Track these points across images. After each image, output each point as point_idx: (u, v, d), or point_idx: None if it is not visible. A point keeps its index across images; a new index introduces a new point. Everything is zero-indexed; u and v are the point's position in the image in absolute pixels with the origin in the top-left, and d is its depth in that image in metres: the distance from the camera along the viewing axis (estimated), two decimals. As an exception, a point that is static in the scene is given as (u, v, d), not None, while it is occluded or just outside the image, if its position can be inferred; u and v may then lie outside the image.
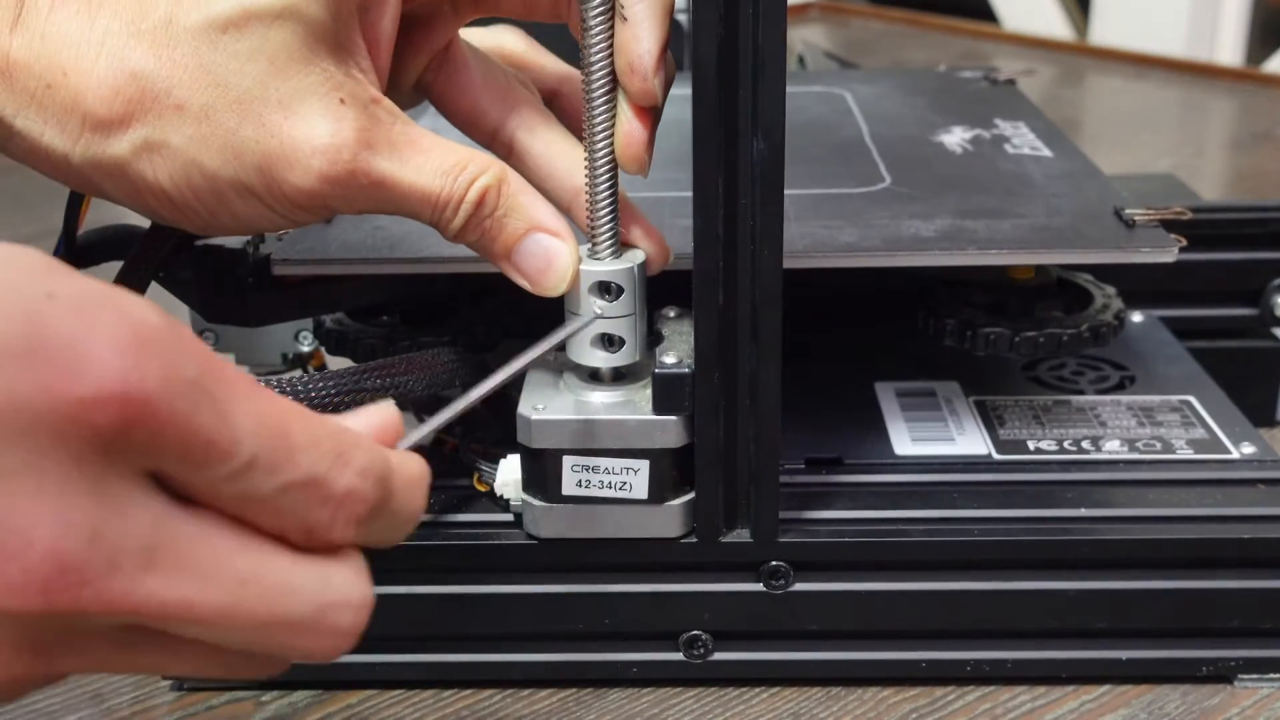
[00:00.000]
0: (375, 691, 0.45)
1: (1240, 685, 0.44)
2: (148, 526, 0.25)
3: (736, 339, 0.40)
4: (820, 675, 0.45)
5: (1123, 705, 0.44)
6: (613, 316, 0.40)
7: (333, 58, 0.36)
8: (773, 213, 0.38)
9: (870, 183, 0.52)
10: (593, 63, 0.38)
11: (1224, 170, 1.08)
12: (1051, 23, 1.52)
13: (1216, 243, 0.57)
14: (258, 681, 0.45)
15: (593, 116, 0.38)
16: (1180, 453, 0.47)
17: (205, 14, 0.35)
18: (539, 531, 0.42)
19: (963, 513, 0.44)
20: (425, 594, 0.44)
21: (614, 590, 0.43)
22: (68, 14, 0.35)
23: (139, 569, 0.25)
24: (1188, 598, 0.43)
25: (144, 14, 0.35)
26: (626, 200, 0.41)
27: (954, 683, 0.45)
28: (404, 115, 0.38)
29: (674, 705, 0.44)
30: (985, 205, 0.48)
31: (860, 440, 0.48)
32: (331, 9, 0.36)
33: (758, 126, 0.38)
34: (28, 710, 0.44)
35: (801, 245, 0.45)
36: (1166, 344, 0.56)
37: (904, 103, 0.64)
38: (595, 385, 0.42)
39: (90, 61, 0.35)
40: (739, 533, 0.43)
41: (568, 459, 0.41)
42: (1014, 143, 0.57)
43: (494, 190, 0.38)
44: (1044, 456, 0.47)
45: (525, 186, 0.39)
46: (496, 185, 0.38)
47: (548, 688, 0.45)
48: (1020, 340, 0.49)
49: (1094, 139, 1.12)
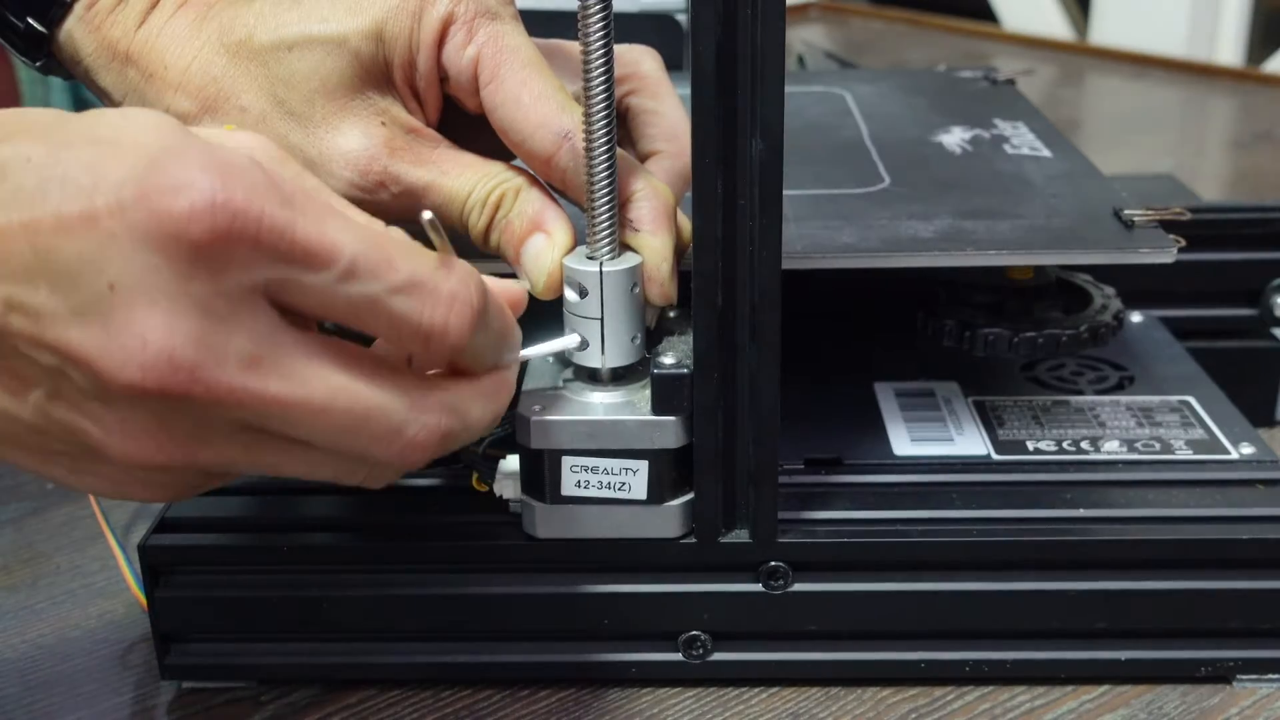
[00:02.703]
0: (375, 691, 0.45)
1: (1239, 685, 0.44)
2: (253, 336, 0.29)
3: (736, 339, 0.40)
4: (819, 675, 0.45)
5: (1122, 705, 0.44)
6: (580, 316, 0.40)
7: (377, 90, 0.41)
8: (772, 213, 0.38)
9: (869, 183, 0.52)
10: (592, 77, 0.38)
11: (1224, 170, 1.08)
12: (1051, 23, 1.52)
13: (1216, 243, 0.57)
14: (256, 680, 0.45)
15: (592, 117, 0.38)
16: (1179, 453, 0.47)
17: (276, 35, 0.40)
18: (538, 532, 0.42)
19: (962, 513, 0.44)
20: (425, 594, 0.44)
21: (613, 590, 0.43)
22: (184, 21, 0.42)
23: (242, 370, 0.29)
24: (1187, 598, 0.43)
25: (232, 29, 0.41)
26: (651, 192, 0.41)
27: (953, 683, 0.45)
28: (448, 143, 0.41)
29: (673, 705, 0.44)
30: (984, 206, 0.48)
31: (859, 441, 0.48)
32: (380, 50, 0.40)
33: (757, 127, 0.38)
34: (28, 710, 0.44)
35: (800, 246, 0.45)
36: (1166, 344, 0.56)
37: (903, 103, 0.64)
38: (594, 386, 0.42)
39: (186, 61, 0.41)
40: (738, 533, 0.43)
41: (567, 459, 0.41)
42: (1013, 143, 0.57)
43: (511, 194, 0.40)
44: (1043, 457, 0.47)
45: (542, 194, 0.41)
46: (514, 191, 0.40)
47: (547, 688, 0.45)
48: (1019, 341, 0.49)
49: (1093, 139, 1.12)
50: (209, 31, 0.41)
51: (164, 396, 0.29)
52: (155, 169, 0.28)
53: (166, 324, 0.28)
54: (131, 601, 0.49)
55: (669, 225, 0.41)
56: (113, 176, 0.28)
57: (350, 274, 0.30)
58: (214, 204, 0.28)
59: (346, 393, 0.31)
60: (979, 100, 0.64)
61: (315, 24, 0.40)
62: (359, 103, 0.41)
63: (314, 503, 0.46)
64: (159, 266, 0.28)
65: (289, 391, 0.30)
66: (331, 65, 0.40)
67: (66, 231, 0.28)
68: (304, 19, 0.40)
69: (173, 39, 0.41)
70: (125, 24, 0.42)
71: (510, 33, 0.41)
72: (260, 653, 0.45)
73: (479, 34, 0.40)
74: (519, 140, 0.40)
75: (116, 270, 0.28)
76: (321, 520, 0.45)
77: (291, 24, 0.40)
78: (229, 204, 0.28)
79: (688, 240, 0.41)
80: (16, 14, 0.42)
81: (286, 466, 0.32)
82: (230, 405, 0.29)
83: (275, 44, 0.40)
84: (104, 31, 0.42)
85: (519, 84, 0.40)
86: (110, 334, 0.28)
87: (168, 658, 0.45)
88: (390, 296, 0.31)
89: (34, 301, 0.28)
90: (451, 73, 0.41)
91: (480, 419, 0.35)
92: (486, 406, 0.35)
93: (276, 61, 0.40)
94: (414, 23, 0.40)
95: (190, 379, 0.29)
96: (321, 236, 0.29)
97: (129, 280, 0.28)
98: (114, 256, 0.28)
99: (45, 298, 0.28)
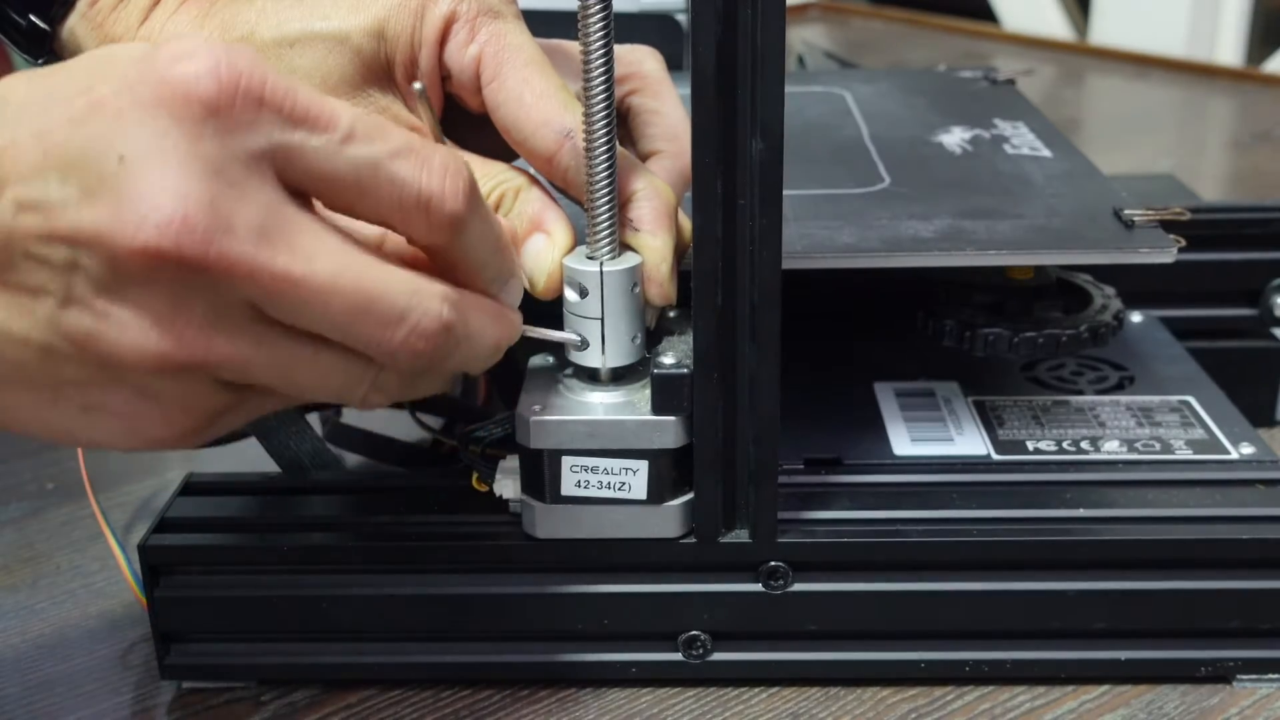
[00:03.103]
0: (375, 691, 0.45)
1: (1239, 685, 0.44)
2: (261, 207, 0.30)
3: (735, 339, 0.40)
4: (819, 675, 0.45)
5: (1122, 705, 0.44)
6: (580, 316, 0.40)
7: (378, 87, 0.41)
8: (772, 213, 0.38)
9: (869, 183, 0.52)
10: (592, 77, 0.38)
11: (1224, 170, 1.08)
12: (1051, 23, 1.52)
13: (1216, 243, 0.57)
14: (256, 680, 0.45)
15: (592, 116, 0.38)
16: (1179, 453, 0.47)
17: (278, 32, 0.41)
18: (538, 532, 0.42)
19: (962, 513, 0.44)
20: (425, 594, 0.44)
21: (613, 590, 0.43)
22: (186, 18, 0.42)
23: (252, 240, 0.29)
24: (1187, 598, 0.43)
25: (234, 26, 0.41)
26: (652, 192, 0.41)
27: (953, 683, 0.45)
28: (451, 144, 0.41)
29: (673, 705, 0.44)
30: (984, 206, 0.48)
31: (859, 440, 0.48)
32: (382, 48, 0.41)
33: (757, 126, 0.38)
34: (28, 710, 0.44)
35: (800, 246, 0.45)
36: (1166, 344, 0.56)
37: (903, 103, 0.64)
38: (594, 386, 0.42)
39: None
40: (738, 533, 0.43)
41: (567, 459, 0.41)
42: (1013, 143, 0.57)
43: (511, 194, 0.40)
44: (1043, 457, 0.47)
45: (542, 194, 0.41)
46: (514, 190, 0.40)
47: (547, 687, 0.45)
48: (1019, 341, 0.49)
49: (1094, 139, 1.12)
50: (211, 28, 0.42)
51: (178, 264, 0.29)
52: (158, 50, 0.30)
53: (179, 186, 0.29)
54: (131, 601, 0.49)
55: (670, 225, 0.41)
56: (115, 69, 0.29)
57: (350, 136, 0.31)
58: (219, 64, 0.29)
59: (352, 270, 0.31)
60: (979, 100, 0.64)
61: (317, 21, 0.40)
62: (360, 100, 0.41)
63: (314, 503, 0.46)
64: (168, 129, 0.29)
65: (297, 267, 0.30)
66: (333, 62, 0.40)
67: (74, 122, 0.29)
68: (306, 16, 0.41)
69: (175, 36, 0.42)
70: (128, 21, 0.42)
71: (512, 31, 0.41)
72: (260, 653, 0.45)
73: (481, 32, 0.40)
74: (521, 139, 0.40)
75: (125, 143, 0.29)
76: (321, 520, 0.45)
77: (293, 20, 0.41)
78: (234, 65, 0.29)
79: (688, 240, 0.41)
80: (19, 11, 0.42)
81: (298, 371, 0.32)
82: (241, 278, 0.30)
83: (277, 40, 0.41)
84: (106, 29, 0.42)
85: (521, 82, 0.40)
86: (123, 204, 0.29)
87: (167, 658, 0.45)
88: (390, 160, 0.31)
89: (43, 195, 0.29)
90: (454, 71, 0.41)
91: (481, 331, 0.35)
92: (488, 323, 0.35)
93: (278, 58, 0.41)
94: (416, 20, 0.40)
95: (204, 242, 0.29)
96: (322, 102, 0.31)
97: (138, 149, 0.29)
98: (122, 130, 0.29)
99: (55, 188, 0.29)
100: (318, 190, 0.32)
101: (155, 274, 0.29)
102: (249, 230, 0.29)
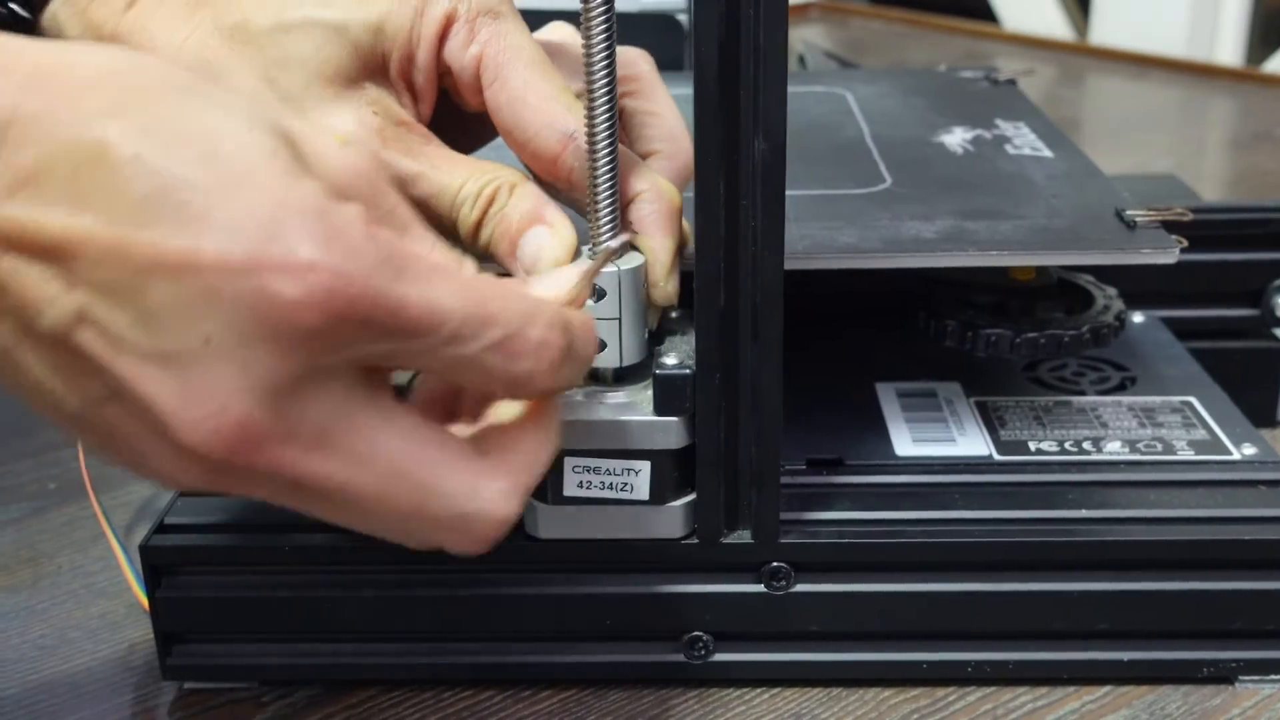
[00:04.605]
0: (376, 691, 0.45)
1: (1241, 686, 0.44)
2: (327, 411, 0.28)
3: (738, 340, 0.40)
4: (821, 676, 0.45)
5: (1124, 706, 0.44)
6: (598, 318, 0.40)
7: (373, 81, 0.41)
8: (774, 213, 0.38)
9: (871, 183, 0.52)
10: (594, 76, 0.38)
11: (1224, 170, 1.08)
12: (1051, 23, 1.52)
13: (1217, 243, 0.57)
14: (258, 681, 0.45)
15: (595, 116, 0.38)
16: (1181, 454, 0.47)
17: (275, 18, 0.40)
18: (540, 532, 0.42)
19: (964, 514, 0.44)
20: (427, 594, 0.44)
21: (615, 591, 0.43)
22: (176, 4, 0.41)
23: (309, 447, 0.28)
24: (1189, 599, 0.43)
25: (228, 13, 0.40)
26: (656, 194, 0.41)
27: (955, 683, 0.45)
28: (438, 141, 0.41)
29: (675, 706, 0.44)
30: (986, 206, 0.48)
31: (861, 441, 0.48)
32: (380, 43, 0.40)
33: (759, 127, 0.38)
34: (29, 710, 0.44)
35: (802, 246, 0.45)
36: (1167, 345, 0.56)
37: (904, 103, 0.64)
38: (596, 386, 0.42)
39: (179, 42, 0.40)
40: (740, 533, 0.43)
41: (569, 460, 0.41)
42: (1015, 143, 0.57)
43: (505, 189, 0.40)
44: (1045, 457, 0.47)
45: (538, 190, 0.40)
46: (509, 186, 0.40)
47: (549, 688, 0.45)
48: (1021, 341, 0.49)
49: (1094, 139, 1.12)
50: (202, 15, 0.41)
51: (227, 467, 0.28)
52: (268, 234, 0.26)
53: (250, 394, 0.27)
54: (133, 602, 0.49)
55: (674, 226, 0.41)
56: (221, 216, 0.26)
57: (453, 339, 0.29)
58: (330, 291, 0.27)
59: (410, 477, 0.30)
60: (980, 100, 0.64)
61: (318, 9, 0.40)
62: (353, 91, 0.40)
63: (315, 503, 0.46)
64: (260, 340, 0.27)
65: (348, 476, 0.29)
66: (330, 51, 0.40)
67: (165, 270, 0.26)
68: (305, 3, 0.40)
69: (164, 21, 0.41)
70: (113, 5, 0.41)
71: (513, 31, 0.41)
72: (262, 653, 0.45)
73: (481, 32, 0.40)
74: (524, 140, 0.40)
75: (213, 328, 0.26)
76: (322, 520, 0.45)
77: (292, 7, 0.40)
78: (345, 291, 0.27)
79: (689, 240, 0.41)
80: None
81: (333, 519, 0.31)
82: (287, 478, 0.29)
83: (273, 27, 0.40)
84: (89, 15, 0.41)
85: (523, 84, 0.40)
86: (189, 390, 0.27)
87: (169, 658, 0.45)
88: (484, 355, 0.30)
89: (113, 325, 0.27)
90: (454, 70, 0.41)
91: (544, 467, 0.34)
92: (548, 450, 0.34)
93: (274, 44, 0.40)
94: (416, 18, 0.40)
95: (255, 450, 0.28)
96: (430, 305, 0.28)
97: (224, 343, 0.27)
98: (213, 314, 0.26)
99: (127, 327, 0.27)
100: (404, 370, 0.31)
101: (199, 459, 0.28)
102: (308, 435, 0.28)
